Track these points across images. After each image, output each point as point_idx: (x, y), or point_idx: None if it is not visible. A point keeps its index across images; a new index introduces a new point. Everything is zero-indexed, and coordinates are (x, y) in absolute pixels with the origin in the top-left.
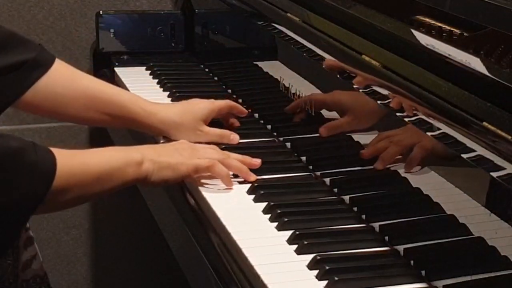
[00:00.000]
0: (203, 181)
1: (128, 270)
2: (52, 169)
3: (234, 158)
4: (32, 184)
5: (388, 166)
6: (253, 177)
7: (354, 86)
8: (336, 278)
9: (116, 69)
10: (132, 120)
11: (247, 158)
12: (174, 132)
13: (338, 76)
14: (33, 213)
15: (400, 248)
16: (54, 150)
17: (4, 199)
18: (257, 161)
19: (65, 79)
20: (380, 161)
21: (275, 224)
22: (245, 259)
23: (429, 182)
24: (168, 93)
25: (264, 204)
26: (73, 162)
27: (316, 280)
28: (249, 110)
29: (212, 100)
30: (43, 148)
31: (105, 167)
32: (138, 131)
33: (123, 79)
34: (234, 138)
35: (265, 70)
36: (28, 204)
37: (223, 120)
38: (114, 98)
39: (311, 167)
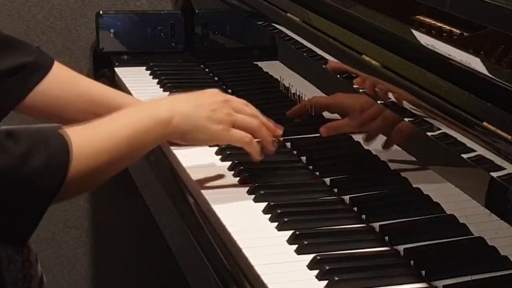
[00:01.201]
0: (203, 181)
1: (128, 270)
2: (65, 161)
3: (264, 124)
4: (45, 181)
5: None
6: (273, 149)
7: (354, 86)
8: (336, 278)
9: (116, 69)
10: None
11: (271, 126)
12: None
13: (338, 76)
14: (52, 203)
15: (400, 248)
16: (70, 130)
17: (17, 202)
18: (280, 127)
19: (64, 82)
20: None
21: (275, 224)
22: (245, 259)
23: (429, 182)
24: (168, 93)
25: (264, 204)
26: (92, 141)
27: (316, 280)
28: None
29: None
30: (56, 137)
31: (129, 136)
32: None
33: (123, 79)
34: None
35: (265, 70)
36: (42, 201)
37: None
38: (113, 101)
39: (311, 167)
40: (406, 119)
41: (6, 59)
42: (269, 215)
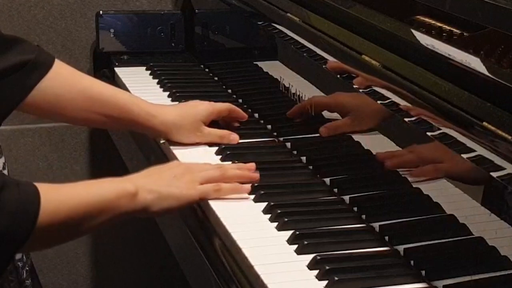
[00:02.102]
0: None
1: (128, 270)
2: (35, 207)
3: (230, 168)
4: (15, 223)
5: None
6: (256, 176)
7: (355, 86)
8: (336, 278)
9: (116, 69)
10: (132, 122)
11: (241, 165)
12: (175, 134)
13: (338, 76)
14: (18, 252)
15: (400, 248)
16: (39, 186)
17: None
18: (252, 165)
19: (65, 80)
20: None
21: (275, 224)
22: (245, 259)
23: (429, 182)
24: (168, 93)
25: (264, 204)
26: (59, 197)
27: (316, 280)
28: (249, 110)
29: (212, 102)
30: (26, 185)
31: (94, 201)
32: (138, 132)
33: (123, 79)
34: (234, 138)
35: (265, 70)
36: (11, 244)
37: (222, 122)
38: (113, 99)
39: (311, 167)
40: (406, 119)
41: (7, 57)
42: (269, 215)
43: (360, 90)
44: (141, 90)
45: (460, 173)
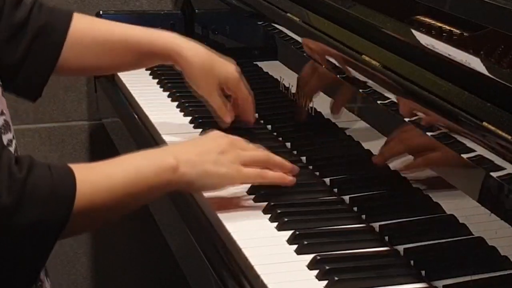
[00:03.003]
0: None
1: (128, 270)
2: (71, 191)
3: (273, 157)
4: (51, 210)
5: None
6: (297, 168)
7: (354, 86)
8: (336, 278)
9: None
10: (159, 57)
11: (285, 162)
12: (189, 76)
13: (338, 76)
14: (57, 239)
15: (400, 248)
16: (74, 167)
17: (23, 232)
18: (296, 168)
19: (86, 32)
20: (379, 155)
21: (275, 224)
22: (245, 259)
23: (429, 182)
24: (168, 93)
25: (264, 204)
26: (95, 177)
27: (316, 280)
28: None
29: (236, 78)
30: (60, 168)
31: (133, 178)
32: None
33: (123, 79)
34: (227, 119)
35: (265, 70)
36: (48, 233)
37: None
38: (138, 39)
39: (311, 167)
40: (406, 119)
41: (32, 21)
42: (269, 215)
43: (360, 90)
44: (141, 90)
45: (460, 173)
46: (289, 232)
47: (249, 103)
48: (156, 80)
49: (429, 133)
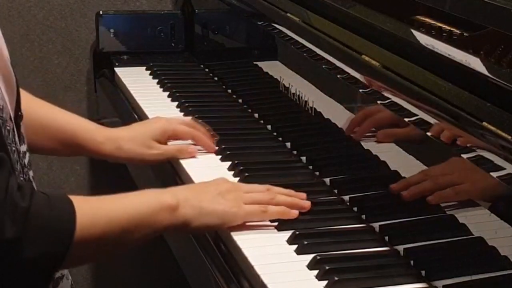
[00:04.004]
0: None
1: (128, 270)
2: (71, 222)
3: (280, 193)
4: (50, 243)
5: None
6: (307, 204)
7: (354, 87)
8: (336, 278)
9: (116, 69)
10: (82, 149)
11: (291, 192)
12: (125, 159)
13: (338, 76)
14: (55, 272)
15: (400, 248)
16: (74, 200)
17: (25, 264)
18: (303, 195)
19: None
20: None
21: (275, 224)
22: (245, 259)
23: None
24: (168, 93)
25: None
26: (96, 212)
27: (316, 280)
28: (249, 110)
29: (173, 120)
30: (59, 198)
31: (133, 215)
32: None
33: (123, 79)
34: (192, 150)
35: (265, 70)
36: (47, 265)
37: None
38: (64, 125)
39: (311, 167)
40: (406, 120)
41: None
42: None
43: (360, 90)
44: (141, 90)
45: (459, 173)
46: (289, 232)
47: (198, 139)
48: (156, 80)
49: (428, 133)
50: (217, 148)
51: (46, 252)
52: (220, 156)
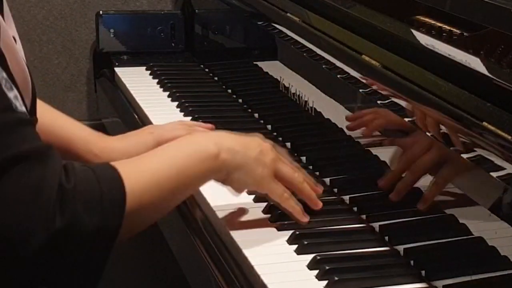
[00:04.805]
0: None
1: (128, 270)
2: (121, 194)
3: (306, 180)
4: (103, 219)
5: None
6: (319, 204)
7: (354, 87)
8: (336, 278)
9: (116, 69)
10: (75, 157)
11: (313, 183)
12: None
13: (338, 76)
14: (113, 246)
15: (400, 248)
16: (117, 165)
17: (79, 246)
18: (320, 190)
19: None
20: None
21: (276, 224)
22: (245, 259)
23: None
24: (168, 93)
25: (264, 204)
26: (141, 174)
27: (316, 280)
28: (249, 110)
29: (167, 129)
30: (104, 170)
31: (178, 169)
32: None
33: (123, 79)
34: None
35: (265, 70)
36: (105, 241)
37: None
38: (61, 131)
39: (311, 167)
40: (406, 119)
41: None
42: (269, 216)
43: (360, 91)
44: (141, 90)
45: (459, 173)
46: (289, 232)
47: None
48: (156, 80)
49: (428, 133)
50: None
51: (100, 228)
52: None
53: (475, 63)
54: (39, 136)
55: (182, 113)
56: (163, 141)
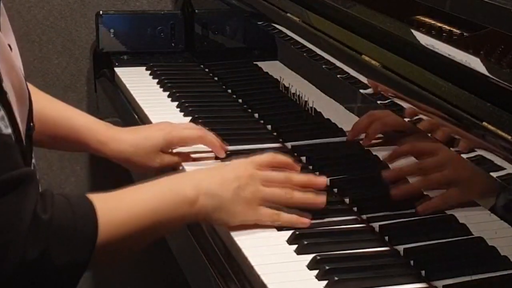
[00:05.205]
0: None
1: (128, 270)
2: (93, 231)
3: (299, 182)
4: (74, 252)
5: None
6: (323, 200)
7: (354, 87)
8: (336, 278)
9: (116, 69)
10: (84, 147)
11: (312, 178)
12: (127, 163)
13: (338, 76)
14: (80, 278)
15: (400, 248)
16: (93, 198)
17: (47, 276)
18: (323, 180)
19: None
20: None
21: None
22: (245, 259)
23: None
24: (168, 93)
25: None
26: (115, 211)
27: (316, 280)
28: (249, 110)
29: (177, 128)
30: (81, 204)
31: (153, 212)
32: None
33: (123, 79)
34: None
35: (265, 70)
36: (72, 273)
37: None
38: (66, 123)
39: (311, 167)
40: (406, 119)
41: None
42: None
43: (360, 91)
44: (141, 90)
45: (459, 173)
46: (289, 232)
47: (207, 141)
48: (156, 80)
49: (428, 133)
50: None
51: (70, 262)
52: (218, 161)
53: (475, 63)
54: (20, 161)
55: (182, 113)
56: (172, 139)
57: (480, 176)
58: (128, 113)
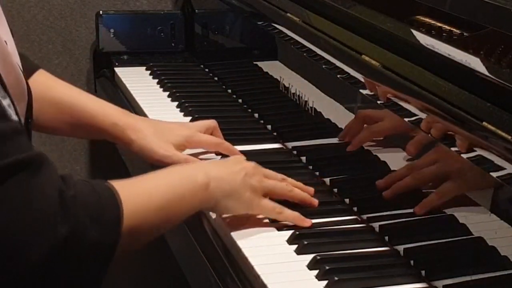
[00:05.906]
0: None
1: (128, 270)
2: (118, 213)
3: (294, 185)
4: (103, 233)
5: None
6: (315, 203)
7: (354, 87)
8: (336, 278)
9: (116, 69)
10: (102, 133)
11: (303, 186)
12: (142, 143)
13: (338, 76)
14: (111, 261)
15: (400, 248)
16: (117, 185)
17: (79, 249)
18: (311, 190)
19: (40, 88)
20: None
21: (275, 224)
22: (245, 259)
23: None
24: (168, 93)
25: None
26: (137, 197)
27: (316, 280)
28: (249, 110)
29: (198, 130)
30: (102, 188)
31: (171, 198)
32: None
33: (123, 79)
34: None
35: (265, 70)
36: (103, 255)
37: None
38: (84, 112)
39: (311, 167)
40: (406, 119)
41: None
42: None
43: (360, 91)
44: (141, 90)
45: (459, 173)
46: (289, 232)
47: (222, 148)
48: (156, 80)
49: (428, 134)
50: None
51: (99, 242)
52: (220, 157)
53: (475, 63)
54: (32, 145)
55: (182, 113)
56: (193, 143)
57: (474, 170)
58: None
